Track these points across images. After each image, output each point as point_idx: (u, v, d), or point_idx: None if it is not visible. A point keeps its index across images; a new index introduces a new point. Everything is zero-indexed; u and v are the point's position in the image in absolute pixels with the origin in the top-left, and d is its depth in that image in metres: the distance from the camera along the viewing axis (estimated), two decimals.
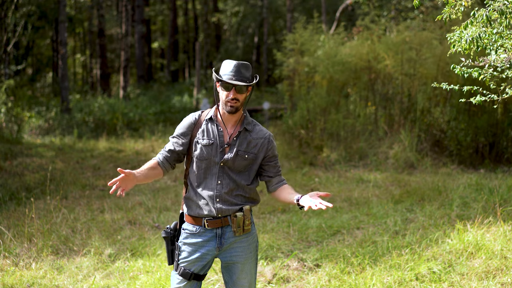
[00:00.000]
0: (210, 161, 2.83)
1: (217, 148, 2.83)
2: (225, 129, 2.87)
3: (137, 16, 22.96)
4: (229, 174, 2.84)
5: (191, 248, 2.85)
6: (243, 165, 2.85)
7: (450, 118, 9.70)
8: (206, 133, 2.86)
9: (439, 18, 3.15)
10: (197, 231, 2.85)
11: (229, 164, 2.83)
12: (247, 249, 2.90)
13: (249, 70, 2.81)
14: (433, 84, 3.78)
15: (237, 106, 2.79)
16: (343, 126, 10.57)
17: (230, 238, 2.85)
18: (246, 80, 2.78)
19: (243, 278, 2.91)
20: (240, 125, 2.88)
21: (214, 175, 2.84)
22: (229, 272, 2.92)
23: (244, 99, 2.82)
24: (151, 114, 16.75)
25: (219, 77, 2.76)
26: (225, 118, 2.87)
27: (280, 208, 6.80)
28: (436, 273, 4.31)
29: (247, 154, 2.85)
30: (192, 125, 2.89)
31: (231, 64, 2.78)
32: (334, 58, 11.01)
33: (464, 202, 6.50)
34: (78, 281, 4.41)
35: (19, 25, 17.21)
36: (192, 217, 2.87)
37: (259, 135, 2.90)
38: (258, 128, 2.93)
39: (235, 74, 2.75)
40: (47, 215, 5.92)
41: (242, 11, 26.87)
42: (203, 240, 2.84)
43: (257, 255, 2.99)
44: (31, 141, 12.42)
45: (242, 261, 2.89)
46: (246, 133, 2.88)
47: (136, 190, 7.86)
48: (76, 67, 35.22)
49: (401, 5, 14.16)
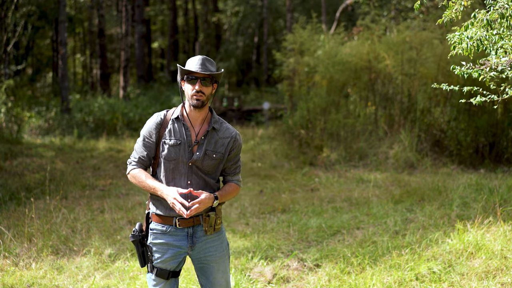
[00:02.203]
0: (178, 161, 2.81)
1: (185, 148, 2.81)
2: (192, 128, 2.84)
3: (137, 16, 22.95)
4: (198, 173, 2.82)
5: (163, 248, 2.82)
6: (211, 164, 2.83)
7: (450, 118, 9.70)
8: (173, 133, 2.82)
9: (440, 22, 3.15)
10: (167, 230, 2.82)
11: (198, 164, 2.81)
12: (219, 248, 2.89)
13: (214, 65, 2.82)
14: (433, 85, 3.78)
15: (203, 100, 2.77)
16: (343, 126, 10.56)
17: (202, 237, 2.83)
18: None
19: (220, 278, 2.90)
20: (207, 123, 2.87)
21: (183, 175, 2.81)
22: (205, 274, 2.90)
23: (209, 94, 2.80)
24: (151, 114, 16.70)
25: (183, 67, 2.76)
26: (191, 116, 2.85)
27: (280, 208, 6.80)
28: (436, 273, 4.31)
29: (215, 154, 2.83)
30: (159, 126, 2.85)
31: (196, 58, 2.80)
32: (334, 58, 11.00)
33: (464, 202, 6.50)
34: (78, 281, 4.41)
35: (19, 25, 17.21)
36: (161, 216, 2.83)
37: (226, 134, 2.89)
38: (225, 127, 2.91)
39: (200, 67, 2.76)
40: (47, 215, 5.92)
41: (242, 11, 26.86)
42: (174, 239, 2.81)
43: (229, 253, 2.98)
44: (31, 141, 12.42)
45: (217, 260, 2.88)
46: (213, 132, 2.86)
47: (136, 190, 7.86)
48: (76, 67, 35.21)
49: (401, 5, 14.16)
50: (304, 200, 7.22)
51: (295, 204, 6.96)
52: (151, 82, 26.45)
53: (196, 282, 4.27)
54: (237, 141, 2.91)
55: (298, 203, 7.01)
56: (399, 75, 10.53)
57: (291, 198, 7.33)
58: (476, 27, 3.02)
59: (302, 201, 7.12)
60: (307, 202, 7.10)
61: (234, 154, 2.91)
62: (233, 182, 2.95)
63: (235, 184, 2.95)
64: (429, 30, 10.67)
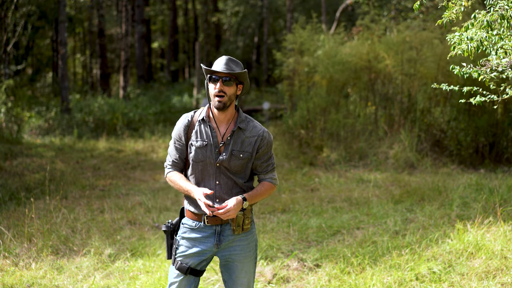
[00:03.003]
0: (206, 163, 2.82)
1: (212, 149, 2.82)
2: (218, 129, 2.85)
3: (137, 16, 22.94)
4: (226, 173, 2.83)
5: (189, 243, 2.85)
6: (239, 164, 2.84)
7: (450, 118, 9.70)
8: (199, 135, 2.84)
9: (439, 23, 3.15)
10: (196, 226, 2.86)
11: (225, 164, 2.82)
12: (246, 248, 2.90)
13: (239, 66, 2.80)
14: (433, 85, 3.78)
15: (225, 101, 2.77)
16: (343, 126, 10.56)
17: (229, 236, 2.85)
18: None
19: (242, 277, 2.91)
20: (233, 123, 2.87)
21: (212, 175, 2.83)
22: (229, 271, 2.92)
23: (232, 94, 2.79)
24: (151, 114, 16.74)
25: (206, 67, 2.77)
26: (217, 117, 2.85)
27: (280, 208, 6.80)
28: (436, 273, 4.31)
29: (242, 154, 2.83)
30: (186, 128, 2.87)
31: (221, 58, 2.80)
32: (334, 58, 11.00)
33: (464, 202, 6.50)
34: (78, 281, 4.41)
35: (19, 25, 17.21)
36: (193, 213, 2.88)
37: (253, 133, 2.88)
38: (252, 125, 2.90)
39: (223, 66, 2.76)
40: (47, 215, 5.92)
41: (242, 11, 26.85)
42: (202, 236, 2.84)
43: (256, 254, 2.99)
44: (31, 141, 12.42)
45: (242, 259, 2.89)
46: (240, 132, 2.85)
47: (136, 190, 7.86)
48: (76, 67, 35.21)
49: (401, 5, 14.16)
50: (304, 200, 7.22)
51: (295, 204, 6.96)
52: (151, 82, 26.45)
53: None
54: (265, 139, 2.89)
55: (298, 203, 7.01)
56: (399, 75, 10.53)
57: (291, 198, 7.33)
58: (476, 28, 3.03)
59: (302, 201, 7.12)
60: (307, 202, 7.10)
61: (263, 152, 2.89)
62: (266, 180, 2.94)
63: (269, 182, 2.94)
64: (429, 30, 10.66)
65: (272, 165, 2.96)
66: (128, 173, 9.32)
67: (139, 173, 9.30)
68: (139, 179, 8.73)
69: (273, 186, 2.95)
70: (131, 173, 9.33)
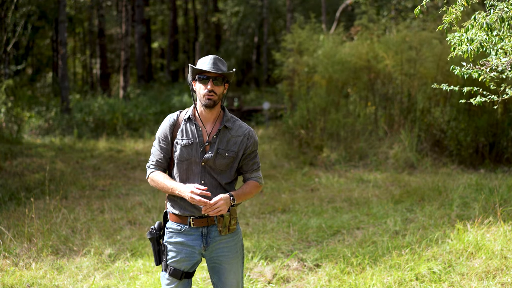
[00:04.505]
0: (191, 161, 2.81)
1: (197, 148, 2.81)
2: (204, 127, 2.85)
3: (137, 16, 22.94)
4: (211, 173, 2.83)
5: (178, 247, 2.83)
6: (224, 163, 2.83)
7: (450, 118, 9.70)
8: (185, 133, 2.84)
9: (440, 28, 3.15)
10: (182, 229, 2.83)
11: (210, 163, 2.81)
12: (233, 249, 2.89)
13: (225, 65, 2.82)
14: (433, 85, 3.78)
15: (215, 99, 2.78)
16: (343, 126, 10.56)
17: (216, 237, 2.84)
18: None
19: (231, 278, 2.90)
20: (219, 122, 2.87)
21: (197, 174, 2.82)
22: (217, 273, 2.90)
23: (221, 93, 2.81)
24: (151, 114, 16.74)
25: (195, 67, 2.76)
26: (203, 116, 2.85)
27: (280, 208, 6.80)
28: (436, 273, 4.31)
29: (227, 152, 2.83)
30: (172, 127, 2.87)
31: (207, 58, 2.80)
32: (333, 58, 11.00)
33: (464, 202, 6.50)
34: (78, 281, 4.41)
35: (19, 25, 17.21)
36: (177, 215, 2.85)
37: (239, 133, 2.88)
38: (238, 124, 2.90)
39: (212, 66, 2.76)
40: (47, 215, 5.92)
41: (242, 11, 26.84)
42: (188, 239, 2.82)
43: (243, 254, 2.98)
44: (31, 141, 12.42)
45: (229, 261, 2.88)
46: (226, 131, 2.86)
47: (136, 190, 7.86)
48: (76, 67, 35.20)
49: (401, 5, 14.17)
50: (304, 200, 7.22)
51: (295, 204, 6.96)
52: (151, 82, 26.44)
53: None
54: (251, 138, 2.89)
55: (298, 203, 7.01)
56: (399, 75, 10.53)
57: (291, 198, 7.33)
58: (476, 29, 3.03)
59: (302, 201, 7.12)
60: (307, 202, 7.10)
61: (250, 151, 2.89)
62: (252, 179, 2.93)
63: (254, 181, 2.93)
64: (429, 30, 10.67)
65: (258, 164, 2.96)
66: (128, 173, 9.32)
67: (139, 173, 9.30)
68: (139, 179, 8.73)
69: (258, 185, 2.95)
70: (131, 173, 9.33)
